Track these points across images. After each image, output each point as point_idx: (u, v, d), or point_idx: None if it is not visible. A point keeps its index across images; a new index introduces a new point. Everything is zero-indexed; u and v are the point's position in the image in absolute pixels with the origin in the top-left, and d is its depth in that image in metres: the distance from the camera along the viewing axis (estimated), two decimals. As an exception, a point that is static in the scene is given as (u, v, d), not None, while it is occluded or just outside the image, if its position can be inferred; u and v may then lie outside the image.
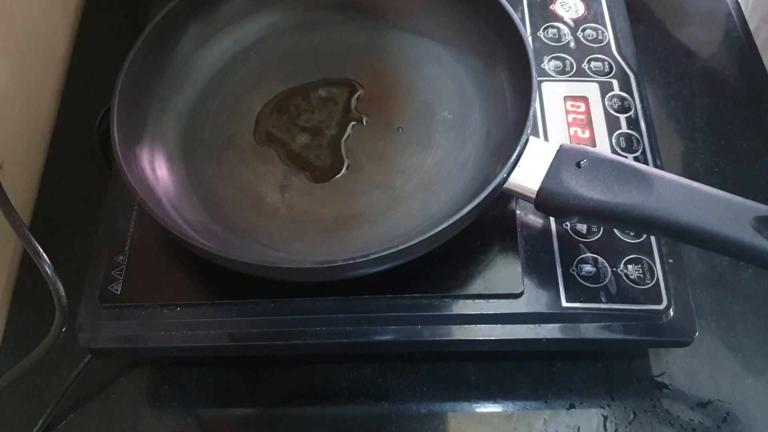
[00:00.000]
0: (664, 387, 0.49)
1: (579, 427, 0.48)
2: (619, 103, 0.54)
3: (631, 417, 0.49)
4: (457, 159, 0.51)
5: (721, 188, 0.42)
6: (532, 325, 0.46)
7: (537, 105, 0.53)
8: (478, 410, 0.50)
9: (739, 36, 0.66)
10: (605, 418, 0.49)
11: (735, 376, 0.50)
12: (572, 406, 0.49)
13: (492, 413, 0.50)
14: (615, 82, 0.55)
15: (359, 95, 0.55)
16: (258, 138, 0.53)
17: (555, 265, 0.47)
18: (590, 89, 0.55)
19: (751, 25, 0.66)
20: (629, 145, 0.52)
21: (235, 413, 0.51)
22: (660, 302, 0.46)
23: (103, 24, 0.72)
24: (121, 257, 0.49)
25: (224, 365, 0.52)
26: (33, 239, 0.40)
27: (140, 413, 0.51)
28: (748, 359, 0.50)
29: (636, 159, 0.51)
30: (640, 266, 0.47)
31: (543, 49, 0.57)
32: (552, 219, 0.49)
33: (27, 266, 0.58)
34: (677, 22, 0.67)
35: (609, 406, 0.49)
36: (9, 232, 0.54)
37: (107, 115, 0.60)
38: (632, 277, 0.46)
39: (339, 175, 0.51)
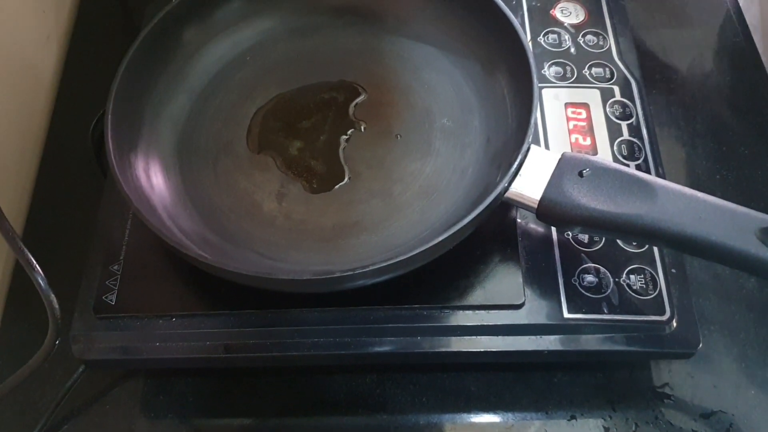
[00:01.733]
0: (666, 398, 0.49)
1: (580, 439, 0.48)
2: (621, 110, 0.53)
3: (633, 428, 0.48)
4: (456, 167, 0.50)
5: (722, 195, 0.41)
6: (533, 337, 0.45)
7: (537, 112, 0.53)
8: (477, 421, 0.49)
9: (741, 42, 0.65)
10: (606, 429, 0.48)
11: (738, 386, 0.49)
12: (573, 418, 0.49)
13: (492, 424, 0.49)
14: (616, 89, 0.54)
15: (359, 101, 0.54)
16: (253, 144, 0.53)
17: (556, 275, 0.47)
18: (591, 96, 0.54)
19: (753, 31, 0.65)
20: (631, 152, 0.51)
21: (232, 424, 0.50)
22: (663, 313, 0.45)
23: (97, 28, 0.71)
24: (115, 267, 0.49)
25: (220, 375, 0.51)
26: (26, 251, 0.39)
27: (135, 424, 0.50)
28: (751, 369, 0.50)
29: (638, 167, 0.50)
30: (642, 276, 0.46)
31: (543, 55, 0.57)
32: (553, 228, 0.48)
33: (20, 275, 0.57)
34: (678, 27, 0.67)
35: (610, 417, 0.48)
36: (1, 242, 0.54)
37: (101, 121, 0.60)
38: (635, 287, 0.46)
39: (339, 186, 0.50)
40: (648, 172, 0.50)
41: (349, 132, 0.53)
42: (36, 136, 0.63)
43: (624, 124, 0.52)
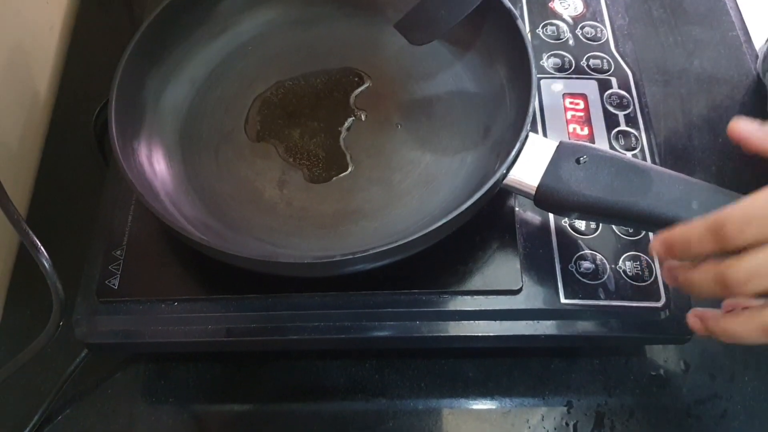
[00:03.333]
0: (661, 385, 0.49)
1: (576, 424, 0.48)
2: (618, 101, 0.54)
3: (629, 414, 0.49)
4: (455, 156, 0.51)
5: (718, 186, 0.42)
6: (530, 322, 0.46)
7: (536, 102, 0.53)
8: (475, 407, 0.50)
9: (737, 35, 0.66)
10: (602, 414, 0.49)
11: (732, 373, 0.50)
12: (569, 403, 0.49)
13: (489, 410, 0.49)
14: (613, 80, 0.55)
15: (359, 90, 0.55)
16: (252, 133, 0.53)
17: (554, 261, 0.47)
18: (589, 86, 0.55)
19: (750, 24, 0.66)
20: (627, 142, 0.52)
21: (232, 409, 0.51)
22: (658, 299, 0.46)
23: (100, 18, 0.71)
24: (118, 252, 0.49)
25: (221, 361, 0.52)
26: (31, 233, 0.40)
27: (136, 409, 0.51)
28: (746, 356, 0.50)
29: (634, 156, 0.51)
30: (638, 263, 0.47)
31: (542, 47, 0.57)
32: (551, 216, 0.49)
33: (23, 262, 0.57)
34: (675, 20, 0.67)
35: (606, 403, 0.49)
36: (4, 228, 0.54)
37: (104, 111, 0.60)
38: (630, 274, 0.46)
39: (342, 175, 0.51)
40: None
41: (349, 121, 0.53)
42: (39, 126, 0.64)
43: (621, 115, 0.53)
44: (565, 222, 0.48)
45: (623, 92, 0.54)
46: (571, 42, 0.57)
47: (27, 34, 0.62)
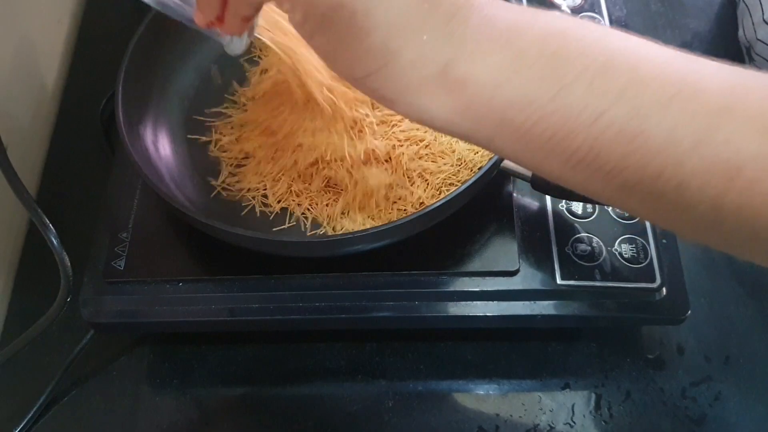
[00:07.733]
0: (657, 367, 0.50)
1: (573, 406, 0.49)
2: (615, 90, 0.54)
3: (625, 396, 0.49)
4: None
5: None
6: (527, 302, 0.47)
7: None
8: (474, 389, 0.50)
9: (735, 29, 0.66)
10: (599, 396, 0.49)
11: (727, 357, 0.50)
12: (567, 386, 0.50)
13: (488, 392, 0.50)
14: (611, 70, 0.56)
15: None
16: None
17: (550, 244, 0.48)
18: (587, 76, 0.55)
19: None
20: (624, 130, 0.52)
21: (235, 391, 0.52)
22: (653, 281, 0.46)
23: (107, 11, 0.72)
24: (124, 234, 0.50)
25: (224, 343, 0.53)
26: (40, 211, 0.41)
27: (141, 390, 0.52)
28: (740, 340, 0.51)
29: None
30: (634, 246, 0.48)
31: (540, 37, 0.58)
32: (548, 199, 0.50)
33: (30, 249, 0.58)
34: (672, 13, 0.68)
35: (603, 385, 0.50)
36: (13, 215, 0.55)
37: (110, 102, 0.61)
38: (626, 256, 0.47)
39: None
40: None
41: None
42: (47, 115, 0.65)
43: (618, 103, 0.54)
44: (562, 206, 0.49)
45: (621, 81, 0.55)
46: (569, 33, 0.58)
47: (35, 26, 0.63)
